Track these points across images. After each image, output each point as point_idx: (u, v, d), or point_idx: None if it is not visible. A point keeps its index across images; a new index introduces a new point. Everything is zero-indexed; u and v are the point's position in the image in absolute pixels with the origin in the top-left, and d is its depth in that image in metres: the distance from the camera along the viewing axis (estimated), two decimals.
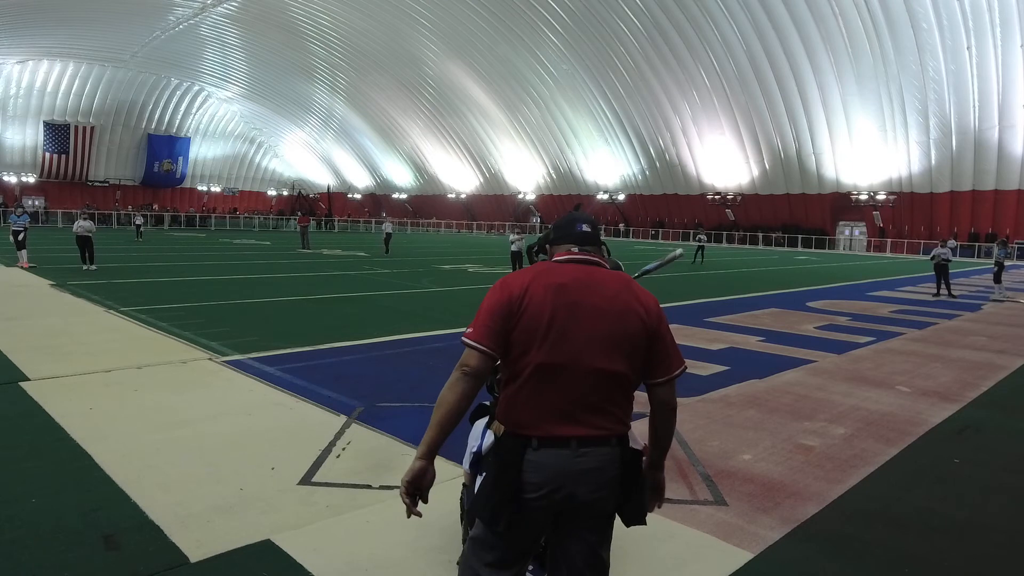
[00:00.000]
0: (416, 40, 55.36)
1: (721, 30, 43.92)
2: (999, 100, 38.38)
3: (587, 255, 2.07)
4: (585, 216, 2.19)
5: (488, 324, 1.94)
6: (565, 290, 1.95)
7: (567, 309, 1.93)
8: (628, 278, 2.08)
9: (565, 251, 2.09)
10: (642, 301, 2.01)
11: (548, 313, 1.92)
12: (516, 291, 1.95)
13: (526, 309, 1.92)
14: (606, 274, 2.04)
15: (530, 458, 1.92)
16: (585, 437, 1.93)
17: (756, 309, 12.80)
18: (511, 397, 1.98)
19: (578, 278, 1.98)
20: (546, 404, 1.93)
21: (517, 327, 1.93)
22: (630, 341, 1.96)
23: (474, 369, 1.93)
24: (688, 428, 5.23)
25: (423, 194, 78.51)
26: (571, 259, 2.05)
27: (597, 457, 1.93)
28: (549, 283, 1.96)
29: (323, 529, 3.41)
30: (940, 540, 3.53)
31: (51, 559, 3.02)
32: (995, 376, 7.52)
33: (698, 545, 3.36)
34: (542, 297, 1.93)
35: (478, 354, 1.93)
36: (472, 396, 1.96)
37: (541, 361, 1.92)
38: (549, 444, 1.92)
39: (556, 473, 1.91)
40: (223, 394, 5.83)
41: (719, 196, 53.54)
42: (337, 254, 26.09)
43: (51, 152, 65.13)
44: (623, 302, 1.98)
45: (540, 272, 2.00)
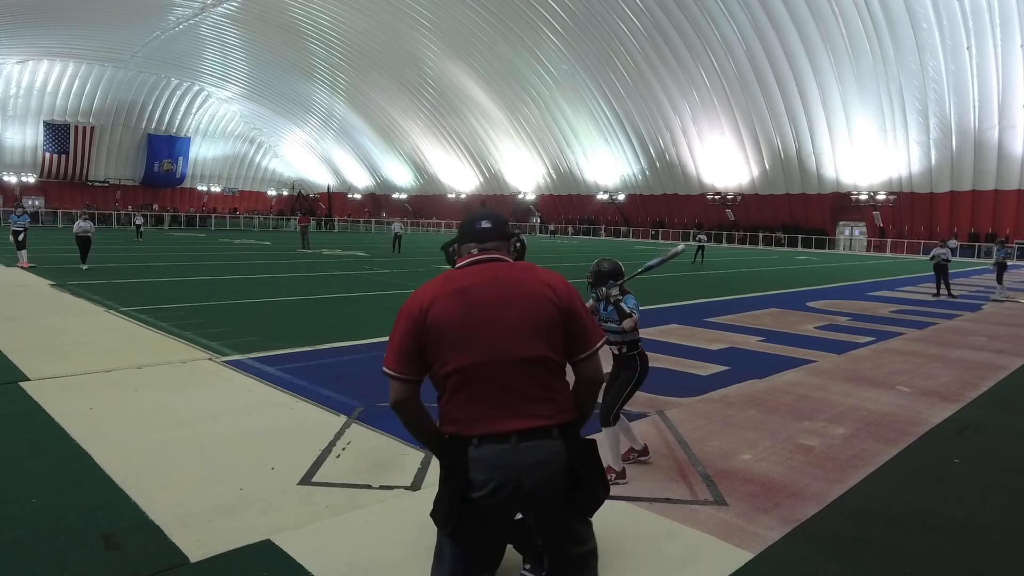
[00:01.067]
0: (416, 40, 55.36)
1: (721, 30, 43.92)
2: (999, 100, 38.38)
3: (487, 253, 2.09)
4: (487, 213, 2.20)
5: (399, 349, 1.98)
6: (468, 292, 1.97)
7: (475, 310, 1.95)
8: (531, 265, 2.09)
9: (467, 252, 2.12)
10: (549, 283, 2.02)
11: (457, 319, 1.94)
12: (418, 308, 1.97)
13: (433, 322, 1.94)
14: (509, 267, 2.06)
15: (473, 455, 1.92)
16: (525, 430, 1.93)
17: (756, 309, 12.79)
18: (446, 404, 2.00)
19: (482, 277, 2.01)
20: (481, 403, 1.94)
21: (429, 343, 1.95)
22: (547, 323, 1.97)
23: (401, 398, 1.99)
24: (688, 428, 5.23)
25: (423, 194, 78.51)
26: (472, 261, 2.08)
27: (540, 450, 1.93)
28: (452, 289, 1.99)
29: (323, 529, 3.41)
30: (940, 540, 3.53)
31: (51, 559, 3.02)
32: (995, 376, 7.52)
33: (698, 545, 3.36)
34: (447, 305, 1.95)
35: (397, 383, 1.99)
36: (421, 410, 2.03)
37: (463, 364, 1.93)
38: (490, 440, 1.92)
39: (498, 467, 1.90)
40: (223, 394, 5.83)
41: (719, 196, 53.54)
42: (337, 254, 26.09)
43: (51, 152, 65.12)
44: (531, 288, 1.99)
45: (444, 281, 2.03)
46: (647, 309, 11.82)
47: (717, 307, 12.91)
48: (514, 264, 2.09)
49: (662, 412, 5.61)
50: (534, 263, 2.12)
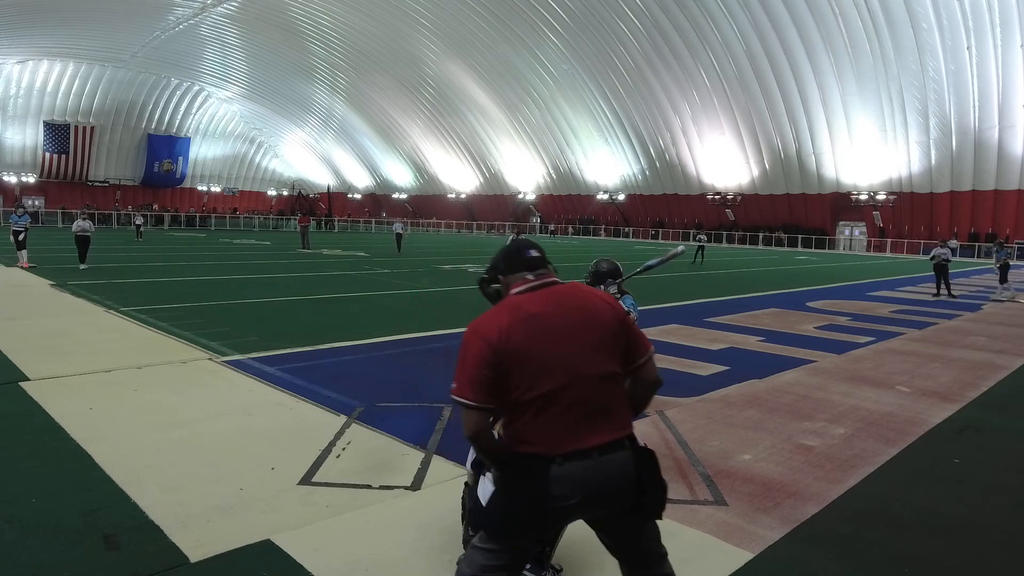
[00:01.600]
0: (416, 40, 55.36)
1: (721, 30, 43.92)
2: (999, 100, 38.38)
3: (542, 278, 2.17)
4: (528, 242, 2.29)
5: (473, 378, 2.00)
6: (540, 318, 2.04)
7: (550, 334, 2.03)
8: (580, 285, 2.23)
9: (521, 279, 2.18)
10: (605, 299, 2.18)
11: (536, 345, 2.01)
12: (495, 336, 2.00)
13: (511, 351, 1.99)
14: (566, 288, 2.17)
15: (556, 473, 1.99)
16: (603, 444, 2.03)
17: (756, 309, 12.79)
18: (524, 427, 2.04)
19: (546, 302, 2.09)
20: (562, 423, 2.02)
21: (509, 370, 1.99)
22: (611, 338, 2.10)
23: (479, 428, 2.03)
24: (688, 428, 5.23)
25: (423, 194, 78.51)
26: (531, 287, 2.15)
27: (617, 462, 2.05)
28: (523, 316, 2.04)
29: (323, 529, 3.41)
30: (940, 540, 3.53)
31: (51, 559, 3.02)
32: (995, 376, 7.52)
33: (698, 545, 3.36)
34: (523, 333, 2.01)
35: (475, 413, 2.01)
36: (492, 435, 2.11)
37: (548, 388, 2.00)
38: (573, 458, 2.00)
39: (583, 483, 2.00)
40: (223, 394, 5.83)
41: (719, 196, 53.55)
42: (337, 254, 26.10)
43: (51, 152, 65.13)
44: (592, 307, 2.12)
45: (510, 308, 2.08)
46: (647, 309, 11.82)
47: (717, 307, 12.91)
48: (569, 285, 2.19)
49: (662, 412, 5.61)
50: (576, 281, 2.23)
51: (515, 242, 2.31)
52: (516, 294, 2.16)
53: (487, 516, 2.11)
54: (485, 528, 2.10)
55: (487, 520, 2.10)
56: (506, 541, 2.05)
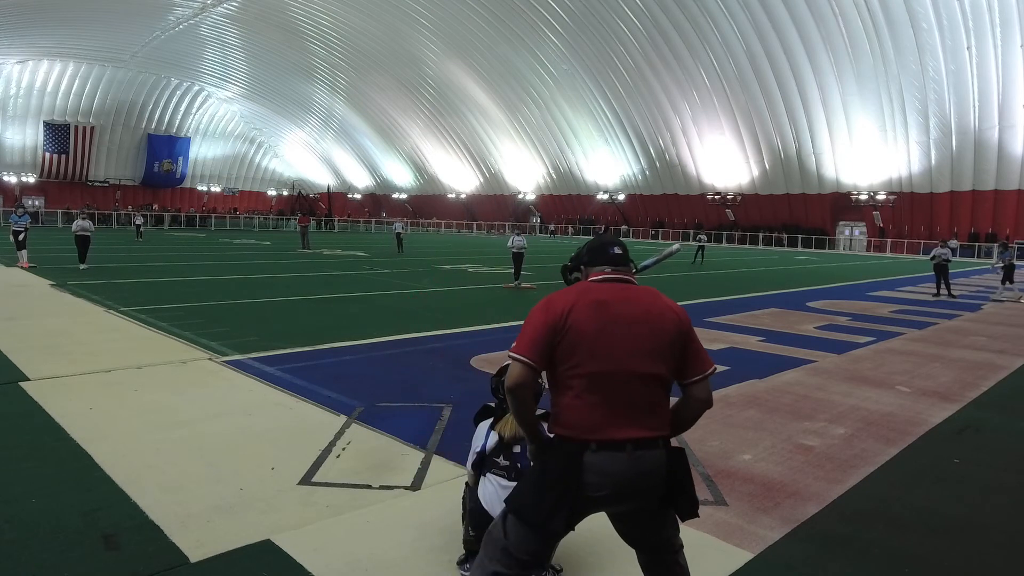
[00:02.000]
0: (416, 40, 55.37)
1: (721, 30, 43.93)
2: (999, 100, 38.39)
3: (620, 274, 2.28)
4: (616, 239, 2.38)
5: (533, 339, 2.12)
6: (606, 305, 2.15)
7: (610, 322, 2.13)
8: (655, 290, 2.29)
9: (599, 271, 2.29)
10: (674, 308, 2.24)
11: (594, 327, 2.11)
12: (560, 310, 2.13)
13: (571, 326, 2.10)
14: (639, 289, 2.26)
15: (589, 460, 2.07)
16: (638, 439, 2.10)
17: (756, 309, 12.79)
18: (566, 405, 2.13)
19: (616, 294, 2.20)
20: (601, 409, 2.10)
21: (563, 341, 2.10)
22: (669, 345, 2.17)
23: (522, 381, 2.10)
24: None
25: (423, 194, 78.52)
26: (607, 279, 2.26)
27: (650, 459, 2.12)
28: (591, 300, 2.16)
29: (323, 529, 3.41)
30: (940, 540, 3.53)
31: (51, 559, 3.02)
32: (995, 376, 7.52)
33: (698, 545, 3.35)
34: (586, 314, 2.12)
35: (522, 366, 2.10)
36: (532, 396, 2.18)
37: (592, 370, 2.09)
38: (607, 447, 2.08)
39: (615, 476, 2.08)
40: (223, 394, 5.83)
41: (719, 196, 53.55)
42: (337, 254, 26.09)
43: (51, 152, 65.14)
44: (658, 311, 2.20)
45: (581, 291, 2.20)
46: None
47: (717, 307, 12.91)
48: (643, 287, 2.28)
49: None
50: (652, 287, 2.29)
51: (601, 236, 2.41)
52: (591, 281, 2.28)
53: (520, 497, 2.16)
54: (518, 511, 2.14)
55: (520, 501, 2.15)
56: (540, 526, 2.10)
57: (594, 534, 3.13)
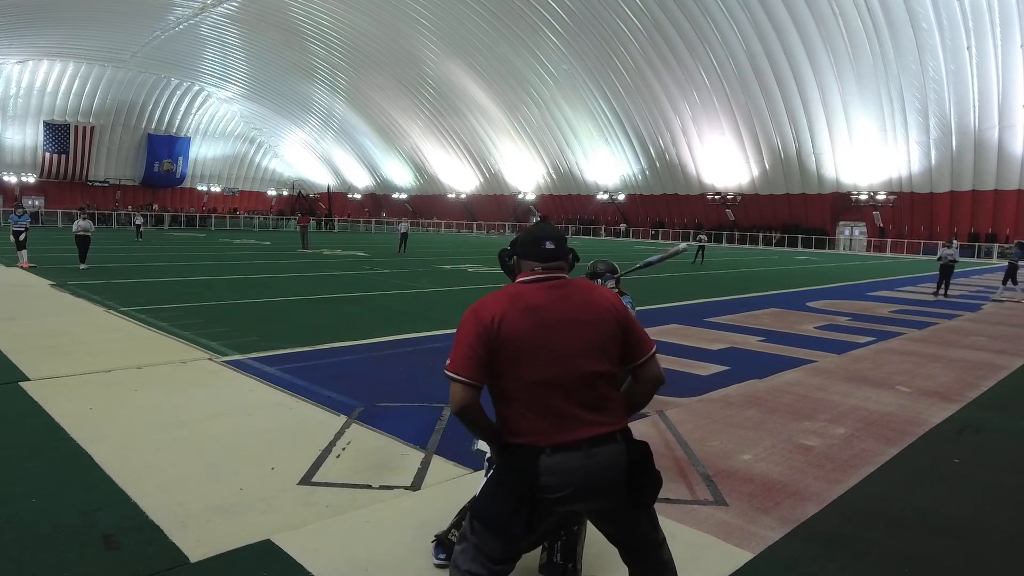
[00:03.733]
0: (416, 40, 55.37)
1: (721, 30, 43.93)
2: (999, 100, 38.38)
3: (551, 272, 2.16)
4: (551, 231, 2.23)
5: (468, 355, 2.02)
6: (539, 310, 2.06)
7: (547, 327, 2.05)
8: (589, 282, 2.23)
9: (530, 269, 2.18)
10: (609, 299, 2.17)
11: (530, 335, 2.03)
12: (489, 319, 2.03)
13: (506, 337, 2.02)
14: (572, 286, 2.16)
15: (545, 463, 2.01)
16: (592, 437, 2.04)
17: (756, 309, 12.79)
18: (513, 415, 2.07)
19: (549, 296, 2.10)
20: (550, 415, 2.04)
21: (500, 352, 2.02)
22: (611, 338, 2.11)
23: (467, 403, 2.03)
24: (688, 428, 5.22)
25: (423, 194, 78.52)
26: (537, 279, 2.15)
27: (608, 455, 2.06)
28: (523, 307, 2.06)
29: (323, 529, 3.41)
30: (940, 540, 3.53)
31: (51, 559, 3.02)
32: (995, 376, 7.52)
33: (698, 545, 3.36)
34: (520, 322, 2.03)
35: (464, 387, 2.02)
36: (482, 411, 2.07)
37: (537, 379, 2.03)
38: (562, 449, 2.02)
39: (572, 475, 2.02)
40: (223, 394, 5.83)
41: (719, 196, 53.55)
42: (337, 254, 26.09)
43: (51, 152, 65.15)
44: (594, 306, 2.12)
45: (512, 296, 2.10)
46: (647, 309, 11.83)
47: (717, 307, 12.91)
48: (575, 282, 2.18)
49: (662, 412, 5.61)
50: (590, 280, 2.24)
51: (537, 227, 2.26)
52: (520, 283, 2.17)
53: (480, 504, 2.13)
54: (479, 518, 2.10)
55: (481, 511, 2.11)
56: (500, 531, 2.05)
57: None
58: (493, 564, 2.10)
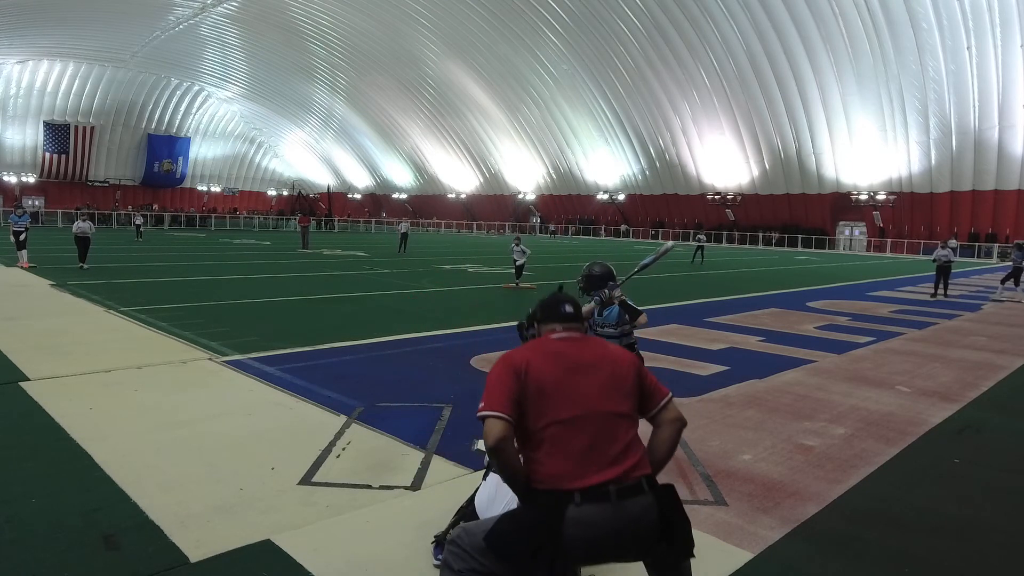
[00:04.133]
0: (416, 40, 55.36)
1: (721, 30, 43.92)
2: (999, 100, 38.37)
3: (570, 331, 2.38)
4: (567, 297, 2.48)
5: (501, 392, 2.16)
6: (563, 355, 2.26)
7: (570, 369, 2.22)
8: (603, 340, 2.47)
9: (551, 329, 2.40)
10: (621, 352, 2.38)
11: (556, 376, 2.19)
12: (519, 362, 2.22)
13: (533, 377, 2.18)
14: (590, 339, 2.41)
15: (573, 515, 2.03)
16: (622, 484, 2.07)
17: (756, 309, 12.79)
18: (540, 456, 2.13)
19: (570, 346, 2.31)
20: (576, 454, 2.11)
21: (528, 394, 2.16)
22: (626, 383, 2.26)
23: (502, 436, 2.09)
24: (688, 428, 5.20)
25: (423, 194, 78.51)
26: (558, 336, 2.36)
27: (637, 506, 2.08)
28: (548, 352, 2.28)
29: (323, 529, 3.41)
30: (940, 540, 3.53)
31: (51, 559, 3.02)
32: (995, 376, 7.52)
33: (698, 545, 3.32)
34: (543, 364, 2.21)
35: (499, 422, 2.10)
36: (516, 452, 2.16)
37: (562, 417, 2.14)
38: (591, 498, 2.04)
39: (602, 529, 2.04)
40: (223, 394, 5.83)
41: (719, 196, 53.54)
42: (337, 254, 26.09)
43: (51, 152, 65.14)
44: (610, 355, 2.32)
45: (536, 346, 2.34)
46: (647, 309, 11.81)
47: (717, 307, 12.91)
48: (592, 338, 2.45)
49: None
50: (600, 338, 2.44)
51: (555, 295, 2.50)
52: (544, 338, 2.40)
53: (501, 538, 2.12)
54: (492, 548, 2.11)
55: (500, 542, 2.11)
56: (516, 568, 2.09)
57: None
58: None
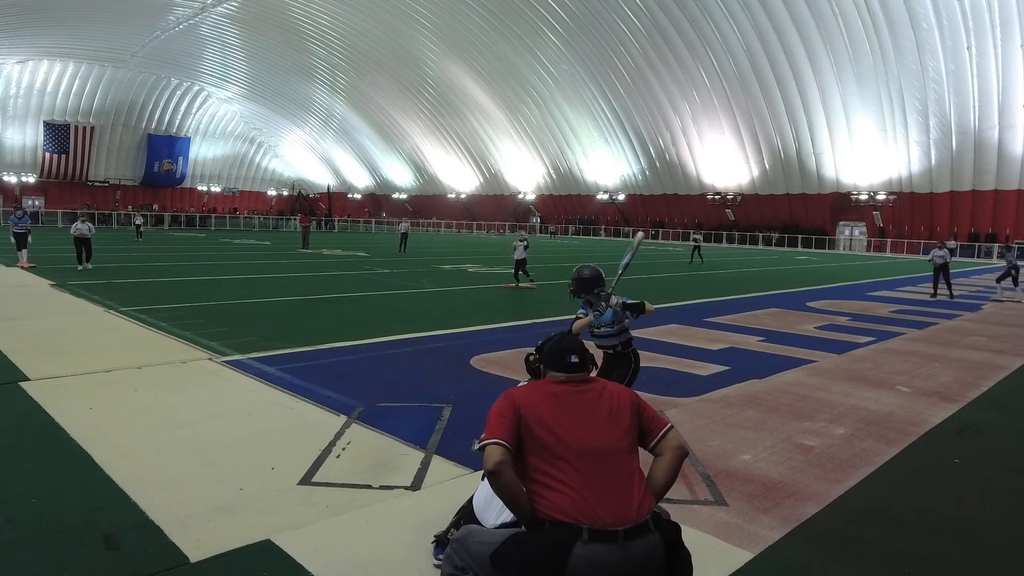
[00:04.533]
0: (416, 40, 55.37)
1: (721, 30, 43.93)
2: (999, 100, 38.38)
3: (574, 382, 2.41)
4: (575, 346, 2.48)
5: (498, 424, 2.22)
6: (561, 395, 2.33)
7: (570, 406, 2.29)
8: (602, 380, 2.47)
9: (554, 378, 2.44)
10: (618, 390, 2.43)
11: (551, 414, 2.25)
12: (517, 398, 2.30)
13: (530, 413, 2.24)
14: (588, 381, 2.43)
15: (579, 552, 2.04)
16: (626, 524, 2.08)
17: (756, 309, 12.79)
18: (542, 490, 2.14)
19: (569, 388, 2.37)
20: (580, 490, 2.12)
21: (526, 427, 2.22)
22: (626, 419, 2.31)
23: (500, 460, 2.13)
24: (688, 428, 5.22)
25: (423, 194, 78.52)
26: (560, 379, 2.42)
27: (643, 547, 2.09)
28: (547, 392, 2.35)
29: (323, 529, 3.41)
30: (940, 540, 3.53)
31: (51, 559, 3.02)
32: (995, 376, 7.52)
33: (698, 545, 3.35)
34: (545, 404, 2.29)
35: (498, 448, 2.16)
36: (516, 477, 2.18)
37: (563, 454, 2.18)
38: (599, 538, 2.05)
39: (607, 569, 2.04)
40: (223, 394, 5.83)
41: (719, 196, 53.55)
42: (337, 254, 26.09)
43: (51, 152, 65.15)
44: (608, 394, 2.37)
45: (536, 387, 2.42)
46: None
47: (717, 307, 12.91)
48: (591, 378, 2.46)
49: (662, 412, 5.61)
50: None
51: (561, 341, 2.52)
52: (546, 381, 2.45)
53: (504, 559, 2.14)
54: (498, 569, 2.13)
55: (502, 562, 2.13)
56: None
57: None
58: None
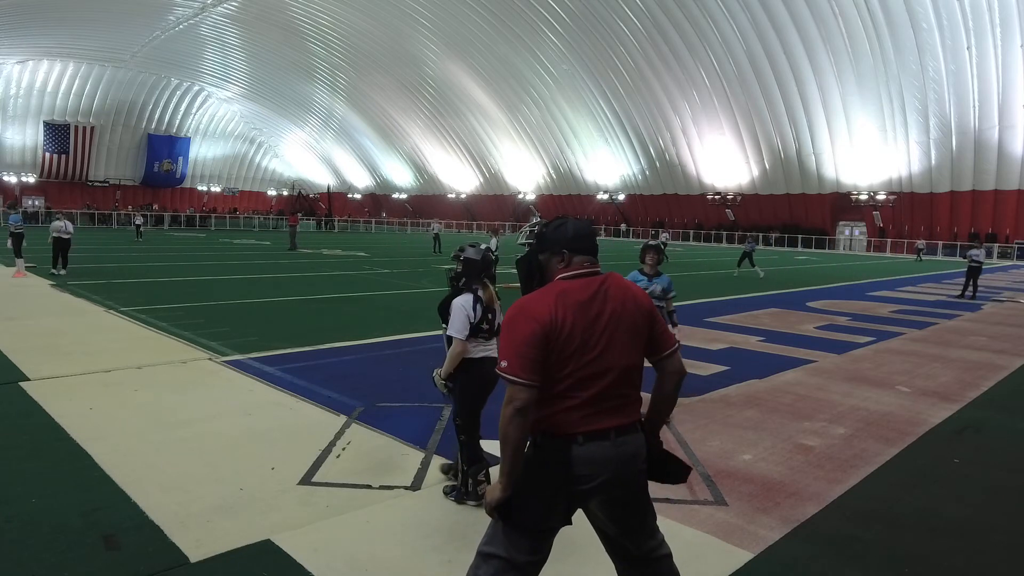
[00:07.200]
0: (416, 40, 55.35)
1: (721, 30, 43.91)
2: (999, 100, 38.35)
3: (592, 266, 2.21)
4: (583, 225, 2.26)
5: (525, 355, 2.04)
6: (587, 306, 2.11)
7: (593, 323, 2.10)
8: (620, 277, 2.26)
9: (580, 263, 2.19)
10: (639, 293, 2.26)
11: (579, 333, 2.08)
12: (545, 318, 2.06)
13: (559, 334, 2.06)
14: (611, 281, 2.20)
15: (576, 453, 2.08)
16: (620, 426, 2.14)
17: (756, 309, 12.79)
18: (553, 409, 2.10)
19: (592, 292, 2.14)
20: (587, 406, 2.11)
21: (554, 352, 2.06)
22: (641, 332, 2.20)
23: (525, 404, 2.04)
24: (688, 428, 5.22)
25: (423, 194, 78.49)
26: (580, 274, 2.18)
27: (633, 443, 2.17)
28: (573, 303, 2.10)
29: (323, 529, 3.41)
30: (940, 540, 3.53)
31: (51, 559, 3.02)
32: (995, 376, 7.52)
33: (698, 545, 3.36)
34: (572, 320, 2.07)
35: (526, 390, 2.03)
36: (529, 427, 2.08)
37: (581, 374, 2.09)
38: (593, 437, 2.10)
39: (603, 462, 2.10)
40: (223, 394, 5.83)
41: (719, 196, 53.53)
42: (337, 254, 26.09)
43: (51, 152, 65.13)
44: (630, 301, 2.19)
45: (559, 294, 2.12)
46: None
47: (717, 307, 12.91)
48: (610, 276, 2.22)
49: None
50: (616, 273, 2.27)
51: (569, 221, 2.25)
52: (562, 279, 2.17)
53: (508, 508, 2.11)
54: (513, 522, 2.10)
55: (510, 510, 2.11)
56: (538, 524, 2.11)
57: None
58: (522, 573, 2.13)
